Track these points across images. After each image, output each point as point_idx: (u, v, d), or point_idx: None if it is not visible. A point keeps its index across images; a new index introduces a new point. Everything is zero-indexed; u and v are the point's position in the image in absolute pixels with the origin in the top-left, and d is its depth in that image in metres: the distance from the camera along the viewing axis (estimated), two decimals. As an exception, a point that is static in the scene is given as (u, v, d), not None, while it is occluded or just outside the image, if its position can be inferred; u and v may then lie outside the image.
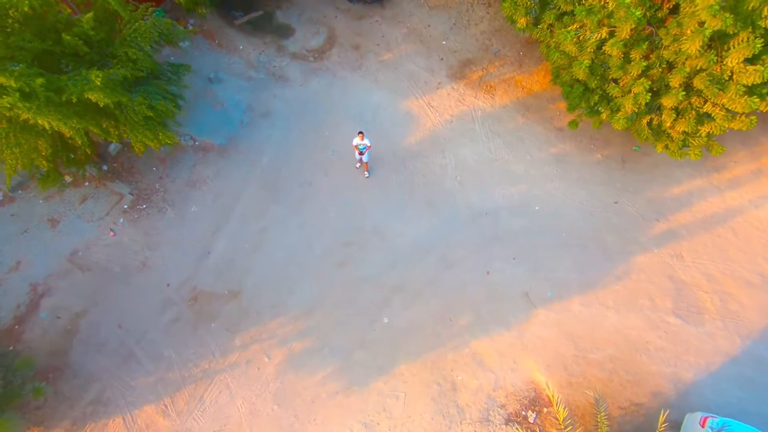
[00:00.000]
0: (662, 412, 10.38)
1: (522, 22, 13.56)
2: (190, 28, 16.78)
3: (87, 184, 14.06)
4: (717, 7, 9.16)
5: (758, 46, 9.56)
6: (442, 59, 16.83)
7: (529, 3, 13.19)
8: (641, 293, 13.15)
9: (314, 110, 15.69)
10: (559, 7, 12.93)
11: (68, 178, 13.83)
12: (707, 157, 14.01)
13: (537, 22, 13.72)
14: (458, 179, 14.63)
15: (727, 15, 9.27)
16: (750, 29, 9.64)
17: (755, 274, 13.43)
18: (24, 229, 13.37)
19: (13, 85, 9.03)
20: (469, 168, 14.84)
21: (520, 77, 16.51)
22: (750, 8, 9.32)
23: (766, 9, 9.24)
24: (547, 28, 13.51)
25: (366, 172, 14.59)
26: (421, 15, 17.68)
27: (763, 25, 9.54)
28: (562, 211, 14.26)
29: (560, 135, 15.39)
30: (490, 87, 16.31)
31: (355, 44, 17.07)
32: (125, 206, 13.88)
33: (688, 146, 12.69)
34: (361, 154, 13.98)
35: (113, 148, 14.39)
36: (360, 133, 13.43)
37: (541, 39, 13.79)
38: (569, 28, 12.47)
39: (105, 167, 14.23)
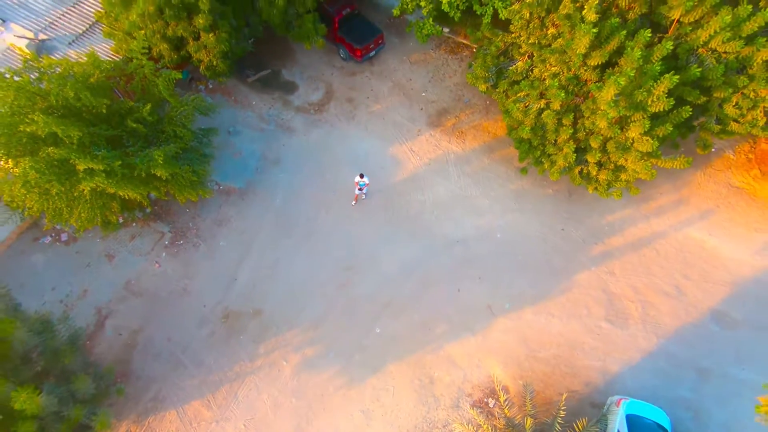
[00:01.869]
0: (563, 395, 13.67)
1: (483, 87, 17.03)
2: (210, 86, 20.08)
3: (134, 224, 17.38)
4: (612, 103, 12.59)
5: (647, 125, 12.98)
6: (421, 109, 20.19)
7: (486, 74, 16.59)
8: (580, 303, 16.57)
9: (316, 157, 19.02)
10: (511, 77, 16.38)
11: (120, 220, 17.10)
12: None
13: (495, 86, 17.14)
14: (435, 213, 18.02)
15: (621, 106, 12.72)
16: (642, 112, 13.06)
17: (671, 286, 16.87)
18: (87, 263, 16.68)
19: (100, 167, 12.33)
20: (443, 203, 18.22)
21: (486, 123, 19.90)
22: (639, 100, 12.75)
23: (650, 100, 12.66)
24: (503, 92, 16.92)
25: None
26: (404, 70, 21.05)
27: (651, 110, 12.97)
28: (520, 238, 17.64)
29: (519, 173, 18.75)
30: (462, 133, 19.69)
31: (349, 97, 20.40)
32: (166, 242, 17.19)
33: (613, 188, 16.13)
34: (360, 190, 17.36)
35: (153, 194, 17.67)
36: (361, 174, 16.84)
37: (499, 100, 17.20)
38: (519, 95, 15.88)
39: (148, 210, 17.52)
